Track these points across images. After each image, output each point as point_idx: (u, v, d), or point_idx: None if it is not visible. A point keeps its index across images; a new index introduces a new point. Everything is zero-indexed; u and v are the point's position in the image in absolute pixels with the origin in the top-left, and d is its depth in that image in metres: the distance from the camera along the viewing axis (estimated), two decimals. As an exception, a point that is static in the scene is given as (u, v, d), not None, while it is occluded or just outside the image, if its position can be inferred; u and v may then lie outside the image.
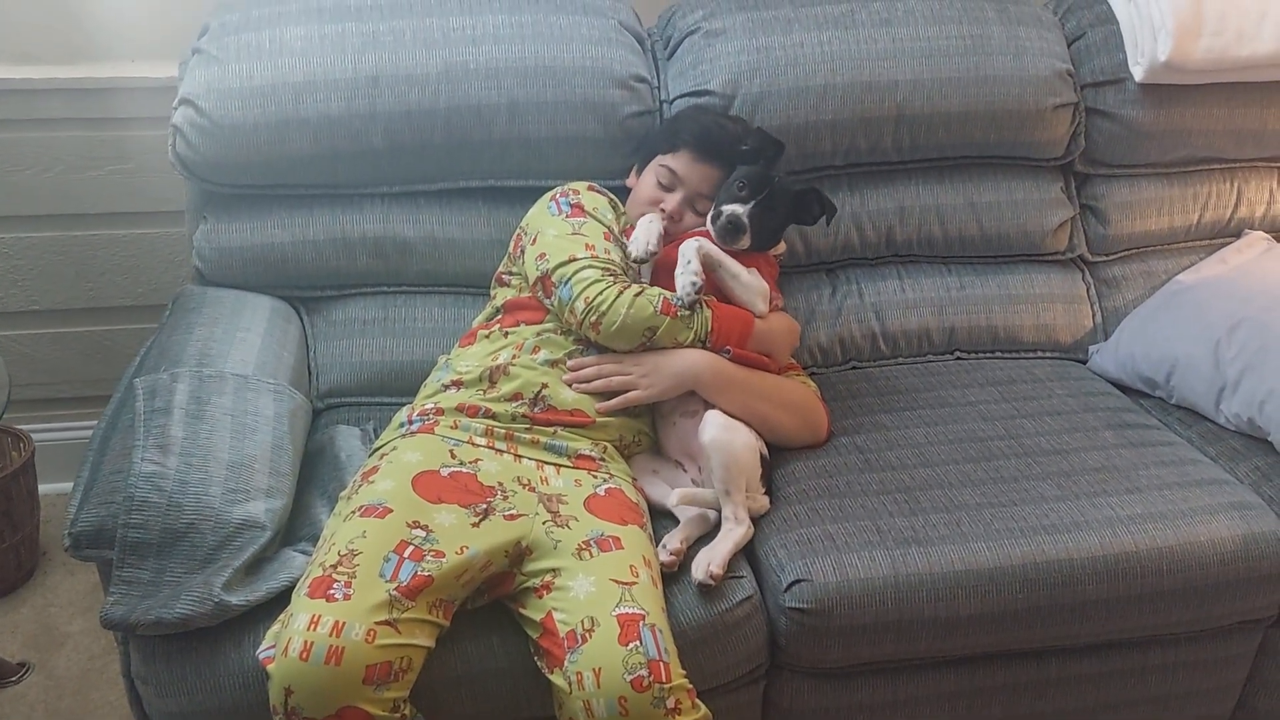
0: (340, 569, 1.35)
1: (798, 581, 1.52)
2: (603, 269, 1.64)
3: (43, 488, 2.32)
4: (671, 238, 1.74)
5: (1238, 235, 2.21)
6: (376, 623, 1.31)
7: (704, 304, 1.66)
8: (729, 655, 1.52)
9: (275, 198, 1.96)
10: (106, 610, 1.38)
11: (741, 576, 1.54)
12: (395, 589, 1.34)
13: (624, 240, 1.73)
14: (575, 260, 1.64)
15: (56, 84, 2.17)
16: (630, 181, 1.89)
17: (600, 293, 1.61)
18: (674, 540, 1.54)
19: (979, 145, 2.08)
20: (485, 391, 1.64)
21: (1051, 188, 2.14)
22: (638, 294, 1.62)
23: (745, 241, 1.70)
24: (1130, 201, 2.16)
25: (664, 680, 1.33)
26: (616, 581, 1.41)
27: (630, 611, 1.37)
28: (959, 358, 2.10)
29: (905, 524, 1.60)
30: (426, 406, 1.65)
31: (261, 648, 1.35)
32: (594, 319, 1.61)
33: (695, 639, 1.48)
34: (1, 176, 2.24)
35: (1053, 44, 2.08)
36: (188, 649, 1.41)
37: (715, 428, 1.59)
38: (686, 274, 1.63)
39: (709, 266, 1.66)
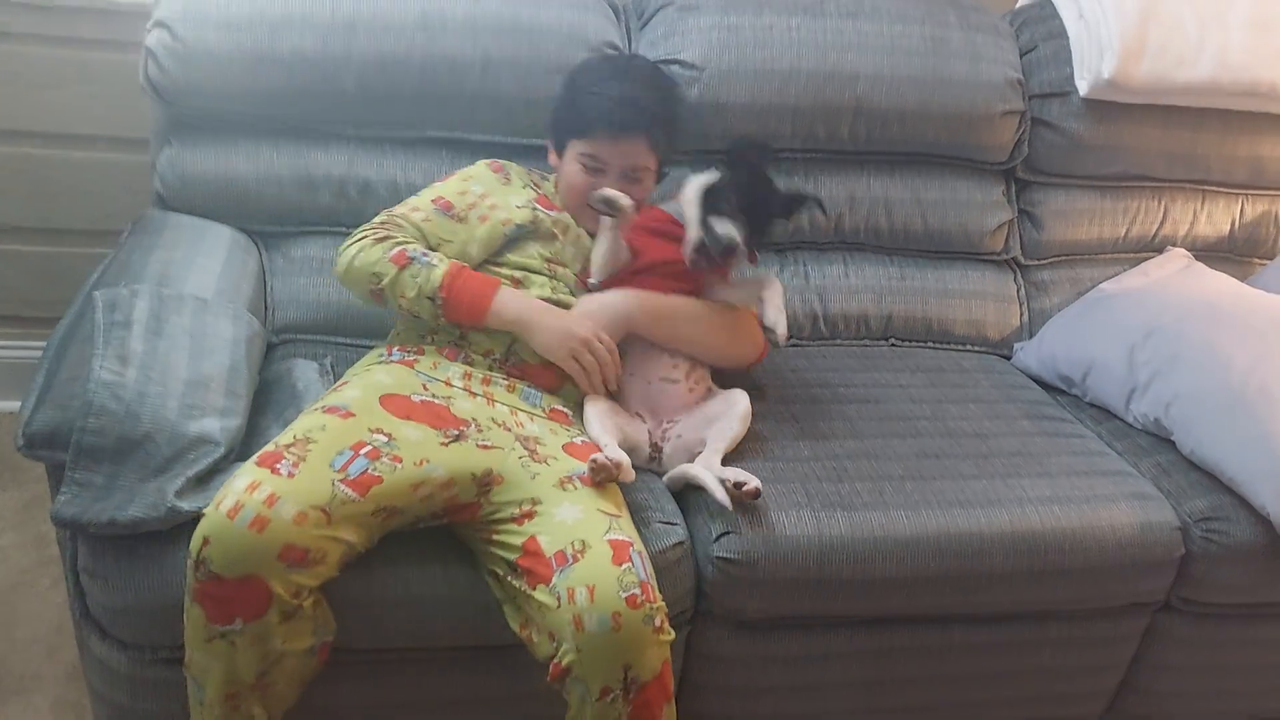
0: (292, 449, 1.38)
1: (727, 533, 1.60)
2: (377, 225, 1.66)
3: (-22, 403, 2.31)
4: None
5: (1160, 251, 2.32)
6: (311, 506, 1.33)
7: (441, 261, 1.61)
8: (658, 597, 1.59)
9: (243, 129, 1.97)
10: (58, 509, 1.40)
11: (674, 524, 1.60)
12: (341, 480, 1.37)
13: (509, 208, 1.74)
14: (376, 217, 1.68)
15: (26, -2, 2.14)
16: (553, 160, 1.84)
17: (351, 242, 1.64)
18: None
19: (930, 143, 2.16)
20: (457, 343, 1.67)
21: (994, 191, 2.24)
22: (381, 240, 1.62)
23: (740, 259, 1.70)
24: (1065, 210, 2.27)
25: (653, 600, 1.39)
26: (604, 512, 1.46)
27: (620, 538, 1.42)
28: (893, 344, 2.19)
29: (832, 489, 1.68)
30: (408, 345, 1.68)
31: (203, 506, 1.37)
32: (334, 268, 1.66)
33: (627, 580, 1.55)
34: (-40, 86, 2.22)
35: (1007, 53, 2.18)
36: (136, 547, 1.43)
37: (747, 400, 1.72)
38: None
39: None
